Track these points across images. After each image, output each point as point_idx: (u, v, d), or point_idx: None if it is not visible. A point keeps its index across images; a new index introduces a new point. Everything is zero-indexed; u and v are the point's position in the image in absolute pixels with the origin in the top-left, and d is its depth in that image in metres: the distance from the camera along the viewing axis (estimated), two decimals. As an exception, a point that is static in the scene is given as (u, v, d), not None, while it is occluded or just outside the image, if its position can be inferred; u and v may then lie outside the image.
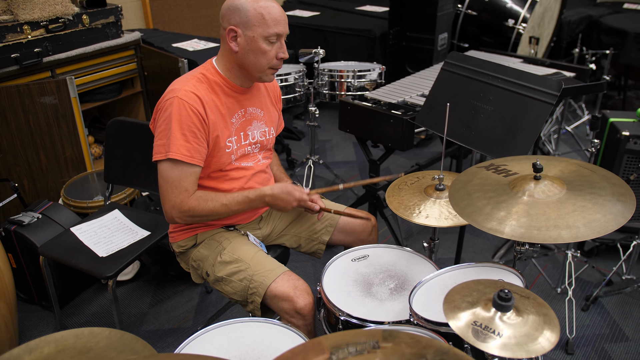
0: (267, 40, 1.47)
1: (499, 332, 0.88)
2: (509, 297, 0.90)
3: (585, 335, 2.10)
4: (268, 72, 1.53)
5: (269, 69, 1.52)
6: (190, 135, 1.44)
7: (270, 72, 1.53)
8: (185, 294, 2.40)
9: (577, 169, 1.39)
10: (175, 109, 1.44)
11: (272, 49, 1.48)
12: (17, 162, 2.50)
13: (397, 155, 3.61)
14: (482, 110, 1.85)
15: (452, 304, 0.94)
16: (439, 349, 0.82)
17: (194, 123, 1.44)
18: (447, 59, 2.02)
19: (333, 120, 4.21)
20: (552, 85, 1.69)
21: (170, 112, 1.45)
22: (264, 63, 1.50)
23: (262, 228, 1.78)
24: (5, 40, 2.43)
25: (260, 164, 1.69)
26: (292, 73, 2.62)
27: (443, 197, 1.62)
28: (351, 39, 3.97)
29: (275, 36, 1.47)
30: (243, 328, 1.34)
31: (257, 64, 1.50)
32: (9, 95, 2.37)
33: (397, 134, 2.13)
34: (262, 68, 1.51)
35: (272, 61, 1.50)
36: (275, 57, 1.50)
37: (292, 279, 1.51)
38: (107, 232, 2.02)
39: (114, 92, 3.11)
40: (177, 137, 1.43)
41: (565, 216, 1.19)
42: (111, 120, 2.12)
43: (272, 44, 1.48)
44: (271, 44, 1.48)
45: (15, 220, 2.14)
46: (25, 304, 2.32)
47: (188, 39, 3.38)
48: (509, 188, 1.33)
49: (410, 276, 1.51)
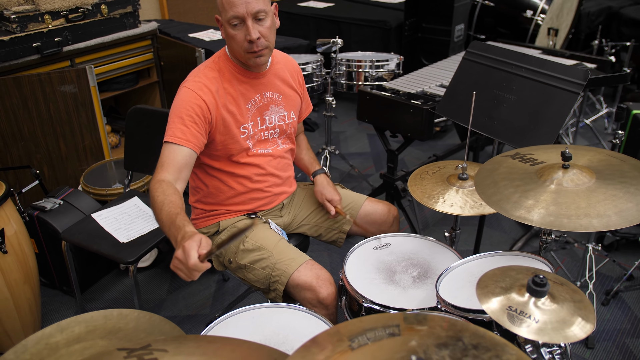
0: (230, 24, 1.43)
1: (535, 318, 0.87)
2: (544, 282, 0.89)
3: (606, 330, 2.08)
4: (249, 56, 1.47)
5: (247, 53, 1.46)
6: (189, 120, 1.43)
7: (250, 56, 1.47)
8: (203, 282, 2.42)
9: (605, 158, 1.37)
10: (181, 96, 1.47)
11: (238, 32, 1.43)
12: (37, 150, 2.52)
13: (413, 147, 3.59)
14: (505, 99, 1.83)
15: (485, 289, 0.94)
16: (475, 332, 0.82)
17: (194, 111, 1.44)
18: (469, 49, 2.00)
19: (347, 112, 4.20)
20: (579, 75, 1.67)
21: (176, 100, 1.48)
22: (237, 48, 1.46)
23: (284, 216, 1.78)
24: (27, 30, 2.44)
25: (279, 150, 1.68)
26: (310, 63, 2.61)
27: (466, 186, 1.61)
28: (366, 30, 3.95)
29: (235, 19, 1.41)
30: (268, 313, 1.35)
31: (235, 50, 1.48)
32: (31, 83, 2.39)
33: (417, 123, 2.12)
34: (240, 53, 1.48)
35: (244, 45, 1.44)
36: (246, 41, 1.43)
37: (314, 268, 1.51)
38: (127, 219, 2.03)
39: (130, 82, 3.13)
40: (176, 122, 1.44)
41: (595, 205, 1.17)
42: (131, 108, 2.13)
43: (236, 28, 1.43)
44: (236, 28, 1.43)
45: (38, 206, 2.17)
46: (46, 289, 2.36)
47: (204, 29, 3.38)
48: (537, 177, 1.31)
49: (433, 265, 1.51)
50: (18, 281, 1.91)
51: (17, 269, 1.91)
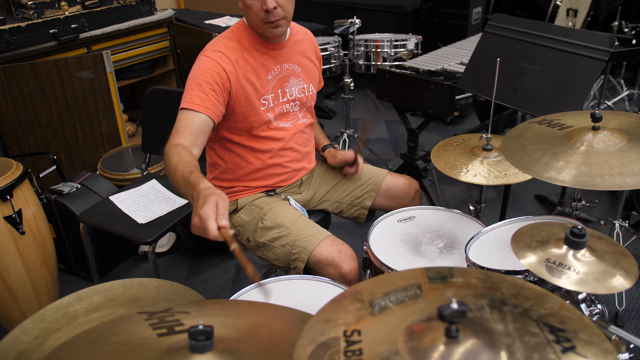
0: None
1: (575, 269, 0.83)
2: (583, 233, 0.85)
3: (635, 308, 2.03)
4: (265, 27, 1.45)
5: (264, 24, 1.44)
6: (208, 87, 1.41)
7: (267, 27, 1.45)
8: (222, 266, 2.40)
9: (637, 121, 1.32)
10: (199, 64, 1.45)
11: (255, 2, 1.41)
12: (54, 137, 2.53)
13: (432, 132, 3.54)
14: (528, 70, 1.78)
15: (521, 243, 0.90)
16: (513, 283, 0.78)
17: (213, 78, 1.42)
18: (490, 21, 1.95)
19: (364, 100, 4.16)
20: (604, 41, 1.62)
21: (194, 67, 1.45)
22: (254, 18, 1.45)
23: (303, 193, 1.75)
24: (44, 16, 2.45)
25: (299, 124, 1.66)
26: (330, 43, 2.57)
27: (491, 157, 1.57)
28: (382, 15, 3.90)
29: None
30: (290, 285, 1.32)
31: (252, 20, 1.47)
32: (48, 69, 2.40)
33: (438, 100, 2.07)
34: (257, 24, 1.46)
35: (260, 14, 1.42)
36: (262, 10, 1.41)
37: (336, 243, 1.48)
38: (145, 201, 2.02)
39: (147, 70, 3.13)
40: (194, 89, 1.41)
41: (629, 164, 1.13)
42: (149, 89, 2.12)
43: None
44: None
45: (56, 190, 2.17)
46: (64, 275, 2.36)
47: (220, 17, 3.37)
48: (566, 140, 1.27)
49: (460, 236, 1.47)
50: (36, 263, 1.91)
51: (35, 251, 1.90)
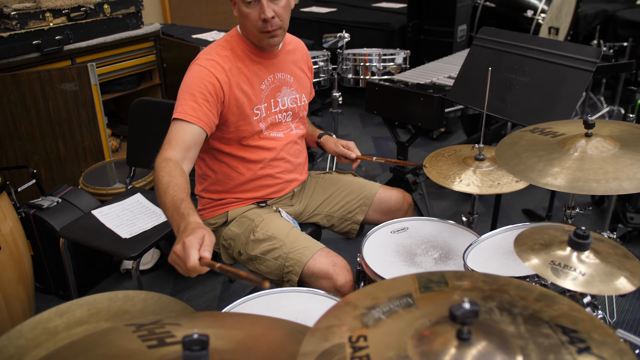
0: (244, 2, 1.40)
1: (580, 271, 0.81)
2: (587, 234, 0.84)
3: (626, 320, 2.02)
4: (262, 36, 1.44)
5: (260, 33, 1.43)
6: (201, 97, 1.38)
7: (264, 36, 1.44)
8: (208, 283, 2.33)
9: (627, 128, 1.35)
10: (192, 73, 1.41)
11: (252, 11, 1.40)
12: (35, 150, 2.46)
13: (418, 147, 3.55)
14: (517, 82, 1.80)
15: (524, 247, 0.88)
16: (520, 285, 0.76)
17: (206, 88, 1.39)
18: (479, 35, 1.98)
19: (351, 116, 4.18)
20: (591, 53, 1.66)
21: (187, 76, 1.42)
22: (251, 27, 1.43)
23: (295, 205, 1.71)
24: (27, 27, 2.41)
25: (292, 134, 1.63)
26: (319, 57, 2.58)
27: (483, 166, 1.56)
28: (369, 32, 3.96)
29: None
30: (283, 299, 1.28)
31: (248, 29, 1.45)
32: (30, 81, 2.34)
33: (428, 112, 2.08)
34: (254, 33, 1.44)
35: (258, 24, 1.41)
36: (260, 20, 1.40)
37: (330, 255, 1.45)
38: (129, 215, 1.96)
39: (132, 84, 3.09)
40: (187, 98, 1.38)
41: (623, 169, 1.14)
42: (136, 100, 2.08)
43: (250, 6, 1.40)
44: (250, 6, 1.40)
45: (35, 204, 2.08)
46: (41, 294, 2.25)
47: (207, 32, 3.36)
48: (559, 146, 1.28)
49: (455, 246, 1.44)
50: (12, 280, 1.81)
51: (11, 268, 1.80)
